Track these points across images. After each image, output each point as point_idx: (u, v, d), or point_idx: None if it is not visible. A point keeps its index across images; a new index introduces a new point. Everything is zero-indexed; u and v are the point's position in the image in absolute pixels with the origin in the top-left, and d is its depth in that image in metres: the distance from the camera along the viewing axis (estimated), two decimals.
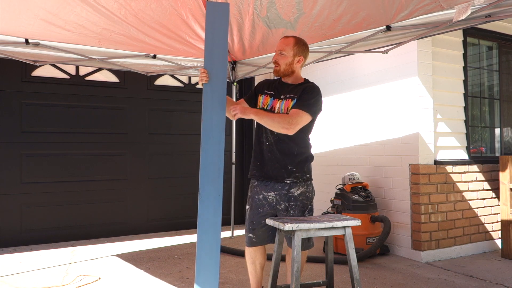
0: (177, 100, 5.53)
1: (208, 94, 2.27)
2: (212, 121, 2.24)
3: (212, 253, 2.16)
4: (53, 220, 4.75)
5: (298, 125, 2.34)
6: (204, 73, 2.26)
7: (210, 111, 2.25)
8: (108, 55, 3.94)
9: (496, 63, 4.84)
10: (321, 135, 5.30)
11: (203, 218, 2.18)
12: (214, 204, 2.20)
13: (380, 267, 3.80)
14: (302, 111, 2.35)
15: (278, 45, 2.51)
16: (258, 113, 2.36)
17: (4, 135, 4.55)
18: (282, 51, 2.47)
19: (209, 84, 2.27)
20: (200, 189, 2.19)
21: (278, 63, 2.48)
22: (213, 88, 2.27)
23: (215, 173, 2.21)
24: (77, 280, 3.39)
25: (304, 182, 2.50)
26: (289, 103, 2.43)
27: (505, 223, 4.19)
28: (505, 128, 4.89)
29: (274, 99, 2.50)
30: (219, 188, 2.21)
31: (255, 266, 2.62)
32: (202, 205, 2.18)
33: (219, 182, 2.22)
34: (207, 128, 2.24)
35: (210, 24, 2.29)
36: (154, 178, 5.36)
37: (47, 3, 2.85)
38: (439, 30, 2.87)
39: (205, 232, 2.17)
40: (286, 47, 2.48)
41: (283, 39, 2.53)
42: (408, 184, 4.12)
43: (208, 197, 2.19)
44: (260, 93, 2.57)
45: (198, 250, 2.16)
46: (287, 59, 2.48)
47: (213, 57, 2.29)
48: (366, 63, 4.66)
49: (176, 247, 4.58)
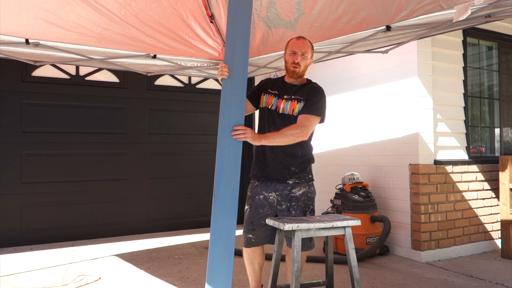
0: (177, 100, 5.53)
1: (227, 90, 2.14)
2: (231, 118, 2.10)
3: (225, 260, 2.02)
4: (53, 220, 4.75)
5: (310, 129, 2.38)
6: (225, 68, 2.14)
7: (229, 108, 2.11)
8: (108, 55, 3.94)
9: (496, 63, 4.85)
10: (321, 135, 5.30)
11: (217, 222, 2.03)
12: (230, 207, 2.05)
13: (380, 267, 3.80)
14: (312, 115, 2.38)
15: (298, 47, 2.47)
16: (267, 137, 2.31)
17: (4, 135, 4.55)
18: (305, 53, 2.47)
19: (229, 79, 2.14)
20: (215, 190, 2.05)
21: (299, 64, 2.46)
22: (233, 83, 2.14)
23: (232, 174, 2.07)
24: (77, 280, 3.39)
25: (306, 182, 2.51)
26: (295, 105, 2.44)
27: (505, 223, 4.19)
28: (505, 128, 4.89)
29: (278, 99, 2.50)
30: (235, 190, 2.07)
31: (253, 266, 2.62)
32: (216, 207, 2.04)
33: (235, 184, 2.07)
34: (225, 125, 2.09)
35: (232, 16, 2.16)
36: (154, 178, 5.36)
37: (47, 3, 2.85)
38: (439, 30, 2.87)
39: (218, 237, 2.03)
40: (308, 49, 2.48)
41: (301, 41, 2.49)
42: (408, 184, 4.12)
43: (224, 199, 2.04)
44: (263, 92, 2.57)
45: (211, 256, 2.02)
46: (307, 61, 2.50)
47: (235, 51, 2.15)
48: (366, 63, 4.66)
49: (176, 247, 4.58)
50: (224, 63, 2.16)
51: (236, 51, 2.16)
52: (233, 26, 2.16)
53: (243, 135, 2.12)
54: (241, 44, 2.17)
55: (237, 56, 2.16)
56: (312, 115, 2.39)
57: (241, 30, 2.17)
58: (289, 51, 2.50)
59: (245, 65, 2.19)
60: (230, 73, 2.14)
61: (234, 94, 2.14)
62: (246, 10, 2.18)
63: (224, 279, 2.00)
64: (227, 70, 2.14)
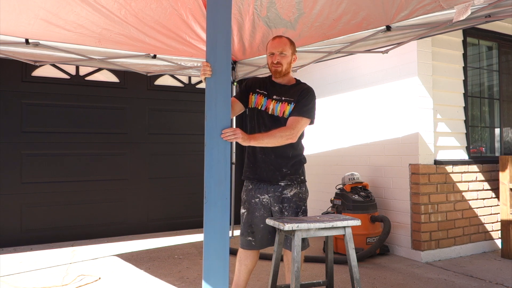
0: (177, 100, 5.52)
1: (212, 89, 2.08)
2: (216, 117, 2.07)
3: (220, 260, 1.99)
4: (53, 220, 4.75)
5: (300, 131, 2.39)
6: (208, 66, 2.08)
7: (214, 107, 2.07)
8: (108, 55, 3.94)
9: (496, 63, 4.84)
10: (321, 135, 5.30)
11: (209, 224, 2.00)
12: (222, 208, 2.01)
13: (380, 267, 3.80)
14: (302, 117, 2.38)
15: (274, 47, 2.47)
16: (256, 138, 2.29)
17: (4, 135, 4.55)
18: (283, 51, 2.46)
19: (212, 78, 2.09)
20: (205, 191, 2.01)
21: (280, 63, 2.46)
22: (217, 82, 2.09)
23: (221, 174, 2.03)
24: (77, 280, 3.39)
25: (297, 184, 2.50)
26: (286, 107, 2.43)
27: (505, 223, 4.19)
28: (505, 128, 4.89)
29: (267, 99, 2.48)
30: (226, 190, 2.03)
31: (239, 267, 2.58)
32: (208, 209, 2.00)
33: (226, 184, 2.03)
34: (212, 125, 2.06)
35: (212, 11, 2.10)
36: (154, 178, 5.36)
37: (47, 3, 2.85)
38: (439, 30, 2.87)
39: (211, 239, 1.99)
40: (285, 46, 2.48)
41: (277, 40, 2.50)
42: (408, 184, 4.12)
43: (215, 200, 2.01)
44: (251, 92, 2.54)
45: (205, 258, 1.99)
46: (288, 58, 2.48)
47: (216, 49, 2.10)
48: (366, 63, 4.66)
49: (176, 247, 4.58)
50: (206, 62, 2.10)
51: (218, 48, 2.10)
52: (213, 22, 2.10)
53: (233, 136, 2.10)
54: (223, 41, 2.11)
55: (219, 54, 2.10)
56: (303, 117, 2.38)
57: (221, 27, 2.11)
58: (268, 53, 2.51)
59: (228, 63, 2.14)
60: (213, 71, 2.09)
61: (219, 93, 2.09)
62: (225, 5, 2.12)
63: (220, 279, 1.99)
64: (210, 69, 2.08)
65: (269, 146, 2.38)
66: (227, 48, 2.12)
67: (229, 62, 2.14)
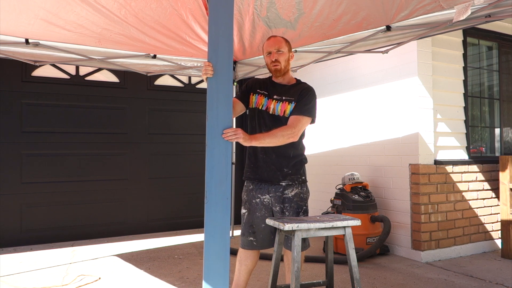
0: (177, 100, 5.52)
1: (213, 88, 2.08)
2: (218, 117, 2.06)
3: (221, 260, 1.98)
4: (53, 220, 4.75)
5: (301, 130, 2.39)
6: (209, 66, 2.08)
7: (216, 107, 2.06)
8: (108, 55, 3.94)
9: (496, 63, 4.85)
10: (321, 135, 5.30)
11: (210, 224, 1.99)
12: (222, 208, 2.00)
13: (380, 267, 3.80)
14: (304, 116, 2.38)
15: (270, 46, 2.48)
16: (257, 138, 2.29)
17: (4, 135, 4.55)
18: (280, 49, 2.47)
19: (214, 78, 2.08)
20: (206, 191, 2.00)
21: (279, 61, 2.47)
22: (218, 82, 2.08)
23: (222, 174, 2.02)
24: (77, 280, 3.39)
25: (299, 184, 2.50)
26: (286, 106, 2.43)
27: (505, 223, 4.19)
28: (505, 128, 4.89)
29: (268, 99, 2.49)
30: (227, 190, 2.03)
31: (240, 267, 2.59)
32: (209, 209, 1.99)
33: (226, 184, 2.03)
34: (213, 125, 2.05)
35: (214, 11, 2.10)
36: (154, 178, 5.36)
37: (47, 3, 2.84)
38: (439, 30, 2.87)
39: (212, 239, 1.99)
40: (281, 44, 2.49)
41: (272, 39, 2.51)
42: (408, 184, 4.12)
43: (216, 200, 2.00)
44: (252, 92, 2.54)
45: (206, 258, 1.98)
46: (285, 56, 2.49)
47: (218, 48, 2.09)
48: (366, 63, 4.66)
49: (176, 247, 4.58)
50: (208, 62, 2.09)
51: (219, 48, 2.10)
52: (215, 22, 2.09)
53: (234, 136, 2.10)
54: (224, 41, 2.10)
55: (221, 54, 2.10)
56: (304, 116, 2.38)
57: (223, 27, 2.10)
58: (265, 53, 2.52)
59: (230, 63, 2.13)
60: (215, 71, 2.09)
61: (220, 92, 2.08)
62: (227, 5, 2.11)
63: (221, 279, 1.99)
64: (212, 69, 2.07)
65: (270, 146, 2.38)
66: (229, 48, 2.12)
67: (230, 62, 2.13)
